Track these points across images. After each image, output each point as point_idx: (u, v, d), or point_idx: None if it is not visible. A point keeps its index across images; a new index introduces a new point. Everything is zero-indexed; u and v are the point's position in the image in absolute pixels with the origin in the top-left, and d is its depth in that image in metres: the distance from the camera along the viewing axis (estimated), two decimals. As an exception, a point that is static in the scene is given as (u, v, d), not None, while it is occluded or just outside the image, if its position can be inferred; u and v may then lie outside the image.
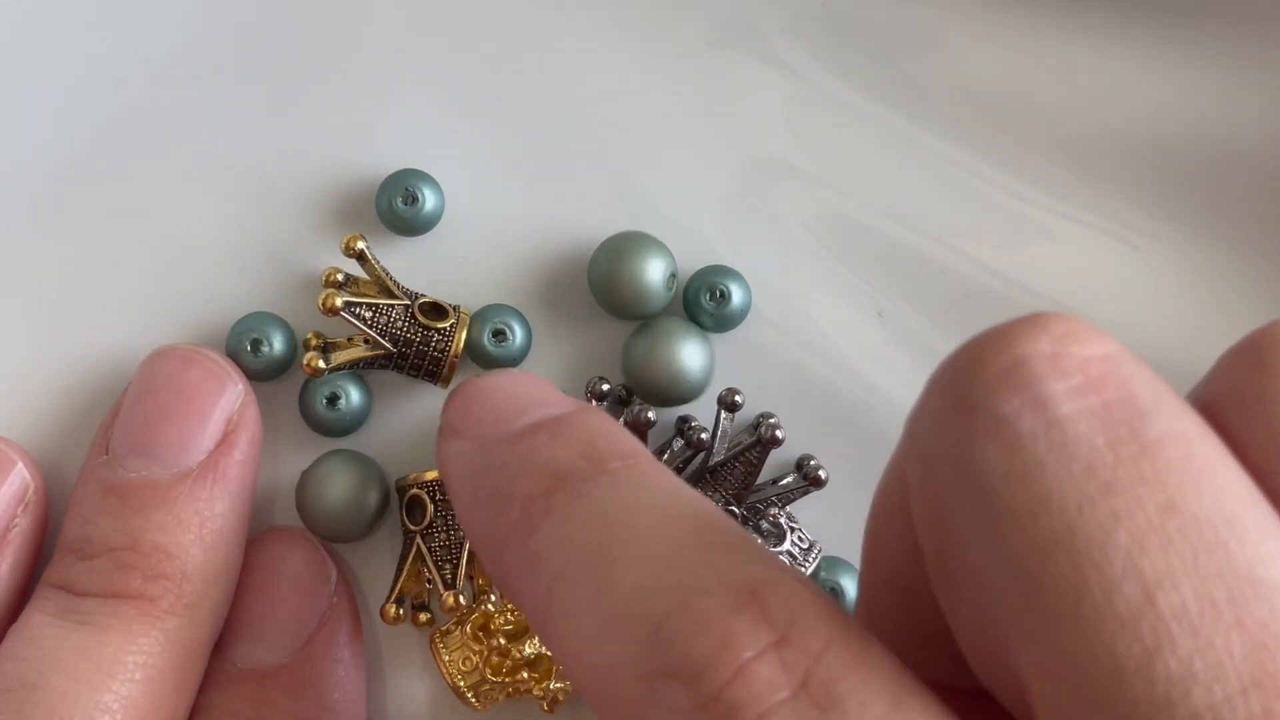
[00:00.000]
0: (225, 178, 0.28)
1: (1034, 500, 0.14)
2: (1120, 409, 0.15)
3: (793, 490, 0.28)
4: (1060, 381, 0.15)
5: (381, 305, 0.27)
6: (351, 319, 0.26)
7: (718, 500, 0.27)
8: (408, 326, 0.27)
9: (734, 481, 0.27)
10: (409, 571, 0.27)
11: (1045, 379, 0.15)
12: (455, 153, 0.28)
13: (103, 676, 0.23)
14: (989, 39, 0.29)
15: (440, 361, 0.27)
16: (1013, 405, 0.15)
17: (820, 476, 0.27)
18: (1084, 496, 0.14)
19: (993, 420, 0.15)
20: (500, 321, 0.27)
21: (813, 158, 0.29)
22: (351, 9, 0.29)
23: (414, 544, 0.27)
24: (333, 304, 0.26)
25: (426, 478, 0.27)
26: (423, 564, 0.27)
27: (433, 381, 0.27)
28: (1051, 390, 0.15)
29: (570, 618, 0.17)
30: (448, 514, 0.27)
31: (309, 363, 0.26)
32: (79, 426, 0.27)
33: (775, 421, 0.27)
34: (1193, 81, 0.29)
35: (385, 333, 0.27)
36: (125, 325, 0.28)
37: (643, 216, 0.28)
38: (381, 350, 0.27)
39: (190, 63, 0.28)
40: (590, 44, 0.29)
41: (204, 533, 0.25)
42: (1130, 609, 0.13)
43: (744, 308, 0.28)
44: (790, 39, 0.29)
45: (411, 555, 0.27)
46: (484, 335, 0.27)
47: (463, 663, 0.26)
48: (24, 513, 0.26)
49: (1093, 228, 0.29)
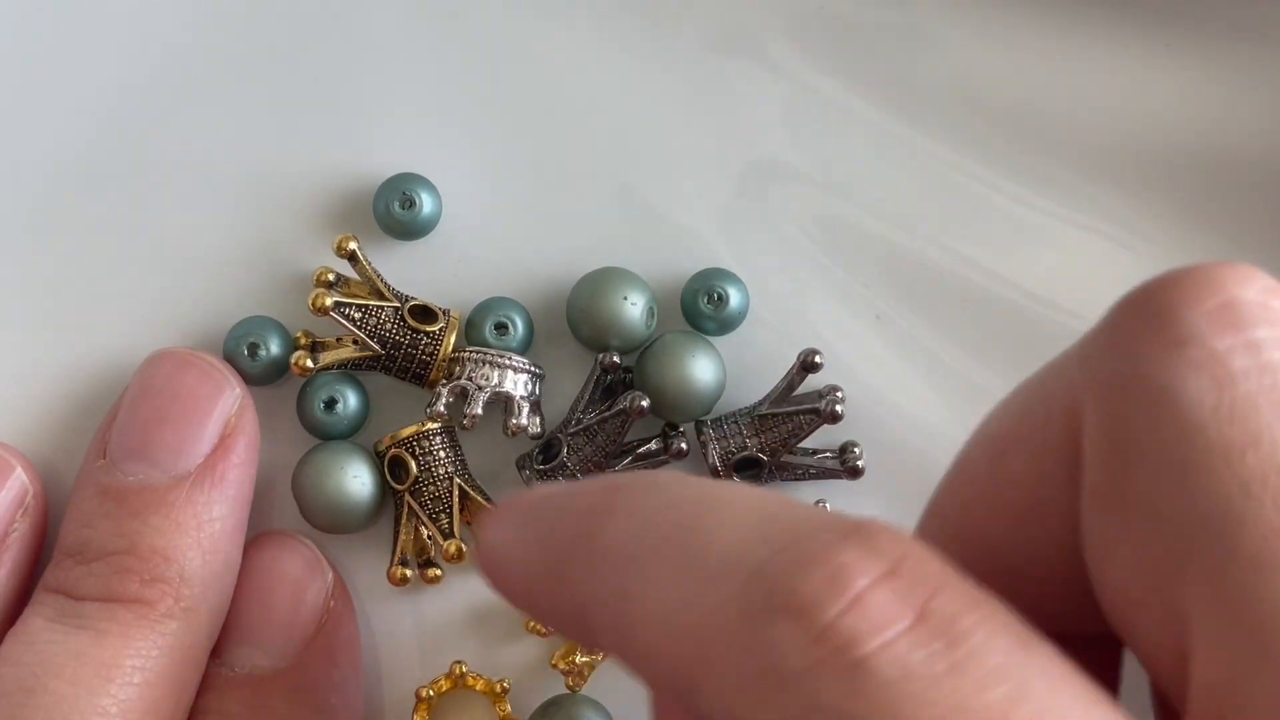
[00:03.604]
0: (224, 182, 0.28)
1: (1244, 438, 0.14)
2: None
3: (825, 469, 0.27)
4: (1271, 329, 0.15)
5: (371, 307, 0.27)
6: (341, 319, 0.26)
7: (751, 445, 0.27)
8: (397, 329, 0.27)
9: (776, 435, 0.27)
10: (405, 530, 0.27)
11: (1259, 323, 0.15)
12: (453, 157, 0.28)
13: (101, 680, 0.23)
14: (987, 42, 0.29)
15: (428, 365, 0.27)
16: (1226, 342, 0.15)
17: (858, 467, 0.27)
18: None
19: (1206, 354, 0.15)
20: (503, 315, 0.27)
21: (811, 161, 0.29)
22: (350, 15, 0.29)
23: (404, 503, 0.27)
24: (322, 304, 0.26)
25: (403, 434, 0.27)
26: (417, 520, 0.27)
27: (420, 385, 0.27)
28: (1264, 335, 0.15)
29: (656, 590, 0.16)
30: (431, 465, 0.27)
31: (297, 362, 0.26)
32: (77, 430, 0.27)
33: (841, 396, 0.27)
34: (1192, 84, 0.29)
35: (374, 334, 0.27)
36: (123, 329, 0.28)
37: (641, 221, 0.28)
38: (370, 352, 0.27)
39: (189, 69, 0.28)
40: (588, 48, 0.29)
41: (202, 536, 0.25)
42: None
43: (742, 311, 0.28)
44: (788, 43, 0.29)
45: (405, 514, 0.27)
46: (486, 328, 0.27)
47: None
48: (23, 517, 0.26)
49: (1091, 230, 0.29)
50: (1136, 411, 0.15)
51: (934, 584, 0.14)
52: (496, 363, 0.27)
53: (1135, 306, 0.16)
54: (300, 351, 0.27)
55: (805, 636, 0.14)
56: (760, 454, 0.27)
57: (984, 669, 0.14)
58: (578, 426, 0.27)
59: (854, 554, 0.14)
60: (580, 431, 0.27)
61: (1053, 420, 0.16)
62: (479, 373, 0.27)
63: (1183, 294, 0.15)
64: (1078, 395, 0.16)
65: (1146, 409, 0.15)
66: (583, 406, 0.27)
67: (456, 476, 0.27)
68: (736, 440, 0.27)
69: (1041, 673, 0.14)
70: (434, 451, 0.27)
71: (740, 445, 0.27)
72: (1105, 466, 0.15)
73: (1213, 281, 0.15)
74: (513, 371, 0.27)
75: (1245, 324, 0.15)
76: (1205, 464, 0.14)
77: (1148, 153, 0.29)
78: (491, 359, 0.27)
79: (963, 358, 0.28)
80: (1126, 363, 0.15)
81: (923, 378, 0.28)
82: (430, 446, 0.27)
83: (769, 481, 0.27)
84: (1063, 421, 0.16)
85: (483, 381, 0.27)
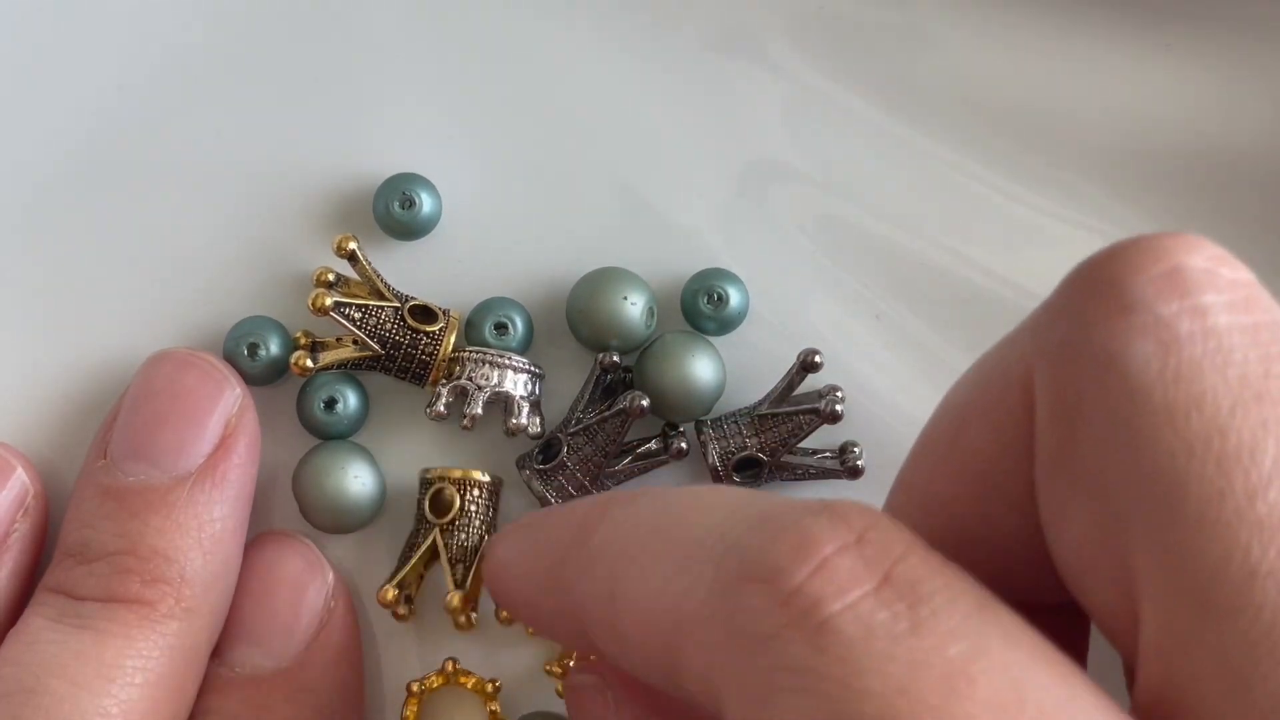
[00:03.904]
0: (223, 182, 0.28)
1: (1188, 400, 0.14)
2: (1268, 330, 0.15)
3: (825, 469, 0.27)
4: (1216, 295, 0.15)
5: (371, 306, 0.27)
6: (341, 319, 0.26)
7: (751, 445, 0.27)
8: (396, 329, 0.27)
9: (776, 435, 0.27)
10: (420, 562, 0.27)
11: (1205, 289, 0.15)
12: (453, 157, 0.28)
13: (102, 681, 0.23)
14: (987, 42, 0.29)
15: (428, 365, 0.27)
16: (1172, 308, 0.15)
17: (858, 467, 0.27)
18: (1238, 401, 0.14)
19: (1152, 319, 0.15)
20: (503, 315, 0.27)
21: (811, 161, 0.29)
22: (349, 14, 0.29)
23: (431, 536, 0.27)
24: (322, 304, 0.26)
25: (454, 474, 0.27)
26: (434, 558, 0.27)
27: (419, 384, 0.27)
28: (1210, 301, 0.15)
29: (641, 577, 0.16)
30: (472, 513, 0.27)
31: (296, 361, 0.26)
32: (78, 431, 0.27)
33: (841, 396, 0.27)
34: (1192, 84, 0.29)
35: (374, 334, 0.27)
36: (124, 329, 0.28)
37: (641, 221, 0.29)
38: (370, 352, 0.27)
39: (188, 69, 0.28)
40: (588, 48, 0.29)
41: (203, 537, 0.25)
42: (1272, 515, 0.14)
43: (742, 311, 0.28)
44: (788, 43, 0.29)
45: (425, 546, 0.27)
46: (486, 328, 0.27)
47: None
48: (24, 517, 0.26)
49: (1091, 230, 0.29)
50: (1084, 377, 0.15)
51: (899, 552, 0.15)
52: (496, 363, 0.27)
53: (1084, 276, 0.16)
54: (300, 351, 0.27)
55: (773, 600, 0.15)
56: (760, 454, 0.27)
57: (944, 628, 0.14)
58: (578, 426, 0.27)
59: (822, 524, 0.15)
60: (580, 431, 0.27)
61: (1009, 390, 0.17)
62: (479, 372, 0.27)
63: (1129, 262, 0.15)
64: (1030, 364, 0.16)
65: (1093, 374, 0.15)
66: (583, 406, 0.27)
67: (489, 534, 0.27)
68: (736, 440, 0.27)
69: (1000, 632, 0.14)
70: (479, 501, 0.27)
71: (740, 445, 0.27)
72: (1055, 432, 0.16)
73: (1159, 250, 0.15)
74: (513, 371, 0.27)
75: (1191, 290, 0.15)
76: (1150, 426, 0.14)
77: (1147, 153, 0.29)
78: (491, 359, 0.27)
79: (963, 358, 0.28)
80: (1075, 330, 0.15)
81: (923, 378, 0.28)
82: (477, 495, 0.27)
83: (769, 481, 0.27)
84: (1018, 391, 0.16)
85: (482, 381, 0.27)
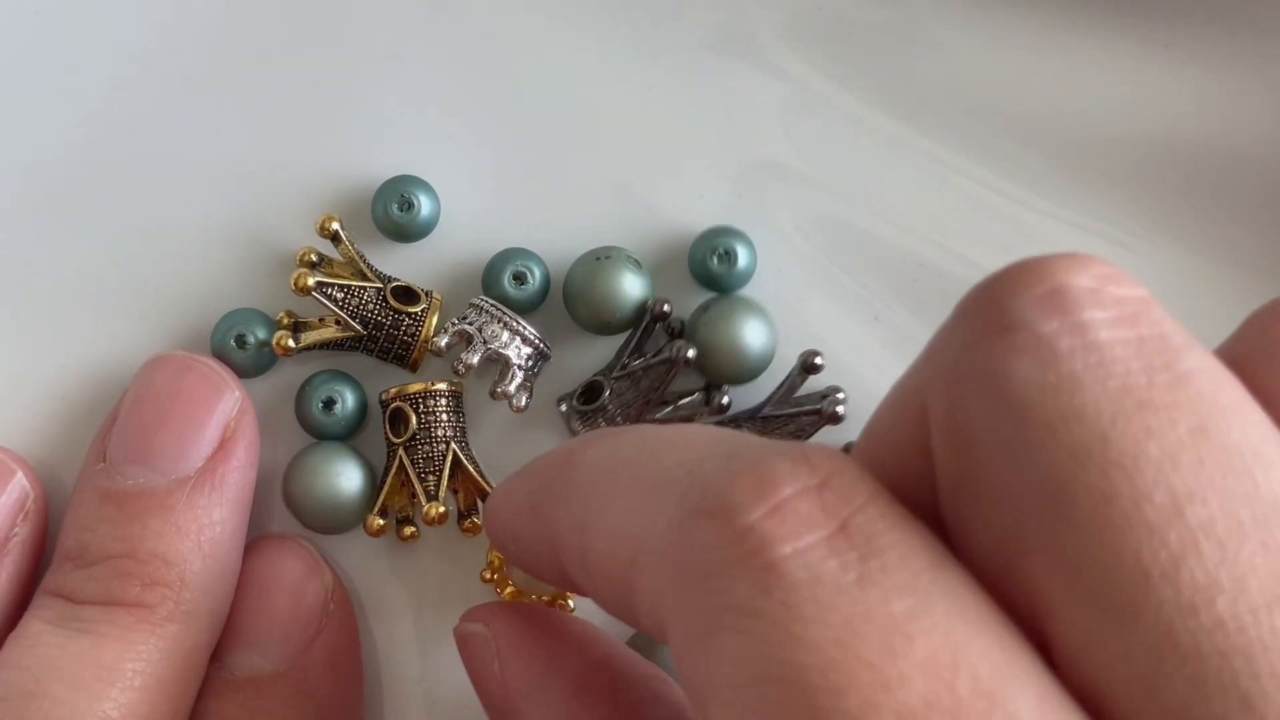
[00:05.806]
0: (222, 184, 0.28)
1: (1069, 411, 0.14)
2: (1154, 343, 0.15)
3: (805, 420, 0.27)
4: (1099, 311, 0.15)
5: (353, 287, 0.27)
6: (323, 299, 0.26)
7: None
8: (379, 309, 0.27)
9: (779, 437, 0.27)
10: (392, 484, 0.27)
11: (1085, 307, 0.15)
12: (451, 159, 0.28)
13: (101, 684, 0.23)
14: (986, 42, 0.29)
15: (410, 346, 0.27)
16: (1052, 326, 0.15)
17: (838, 413, 0.27)
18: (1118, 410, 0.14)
19: (1031, 338, 0.15)
20: (521, 265, 0.27)
21: (809, 162, 0.29)
22: (348, 16, 0.29)
23: (396, 456, 0.27)
24: (305, 283, 0.26)
25: (410, 390, 0.27)
26: (405, 476, 0.27)
27: (401, 365, 0.27)
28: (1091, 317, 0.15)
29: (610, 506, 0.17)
30: (430, 425, 0.27)
31: (279, 341, 0.26)
32: (77, 434, 0.27)
33: (843, 397, 0.27)
34: (1189, 85, 0.29)
35: (356, 314, 0.26)
36: (122, 331, 0.28)
37: (639, 221, 0.28)
38: (351, 332, 0.27)
39: (186, 69, 0.28)
40: (587, 50, 0.29)
41: (202, 540, 0.25)
42: (1160, 517, 0.14)
43: (750, 268, 0.28)
44: (786, 44, 0.29)
45: (394, 467, 0.27)
46: (505, 278, 0.27)
47: None
48: (23, 521, 0.26)
49: (1089, 230, 0.29)
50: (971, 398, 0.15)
51: (859, 502, 0.15)
52: (510, 325, 0.27)
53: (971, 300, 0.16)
54: (282, 331, 0.27)
55: (723, 536, 0.15)
56: None
57: (891, 583, 0.14)
58: (623, 371, 0.27)
59: (785, 465, 0.15)
60: (624, 376, 0.27)
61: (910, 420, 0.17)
62: (490, 328, 0.26)
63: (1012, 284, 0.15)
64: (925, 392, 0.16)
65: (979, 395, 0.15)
66: (629, 352, 0.27)
67: (453, 442, 0.27)
68: None
69: (947, 594, 0.14)
70: (436, 412, 0.27)
71: (743, 447, 0.27)
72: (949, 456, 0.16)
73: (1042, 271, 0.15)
74: (521, 340, 0.27)
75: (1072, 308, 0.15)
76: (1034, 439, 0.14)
77: (1147, 153, 0.29)
78: (507, 320, 0.27)
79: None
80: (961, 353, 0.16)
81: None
82: (433, 406, 0.27)
83: None
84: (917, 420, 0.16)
85: (489, 337, 0.26)
